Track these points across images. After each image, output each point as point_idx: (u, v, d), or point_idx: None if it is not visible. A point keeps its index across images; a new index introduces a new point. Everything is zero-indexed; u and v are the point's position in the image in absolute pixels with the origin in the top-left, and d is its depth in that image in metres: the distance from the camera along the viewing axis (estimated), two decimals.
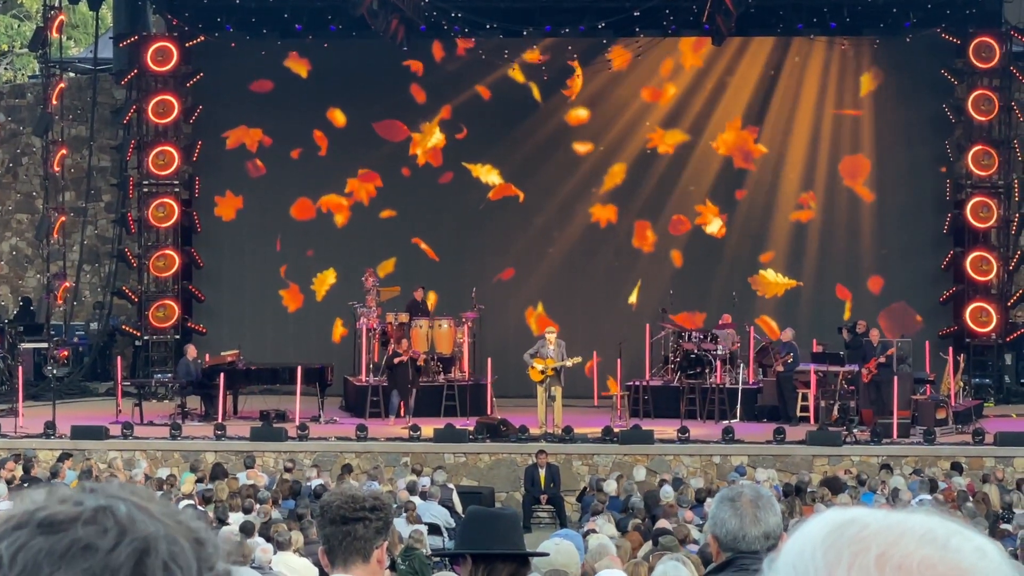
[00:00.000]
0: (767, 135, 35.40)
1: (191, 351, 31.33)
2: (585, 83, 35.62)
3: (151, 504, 1.69)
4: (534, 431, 28.41)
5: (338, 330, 34.84)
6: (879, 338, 29.96)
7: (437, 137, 35.72)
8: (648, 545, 16.50)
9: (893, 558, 1.53)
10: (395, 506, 20.62)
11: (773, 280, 34.97)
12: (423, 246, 35.23)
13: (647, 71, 35.58)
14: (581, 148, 35.60)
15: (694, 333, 31.37)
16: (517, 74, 35.70)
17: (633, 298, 34.78)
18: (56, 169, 34.12)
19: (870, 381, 29.36)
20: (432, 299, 34.16)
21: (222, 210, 35.83)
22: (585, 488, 26.10)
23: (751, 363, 31.61)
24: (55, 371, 32.30)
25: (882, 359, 29.23)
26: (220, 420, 28.90)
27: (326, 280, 35.61)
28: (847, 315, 33.76)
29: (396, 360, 30.07)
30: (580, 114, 35.65)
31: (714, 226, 35.26)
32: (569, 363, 28.74)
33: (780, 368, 30.25)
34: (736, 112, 35.32)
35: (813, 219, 35.36)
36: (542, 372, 28.56)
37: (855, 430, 28.42)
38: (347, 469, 25.50)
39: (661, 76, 35.60)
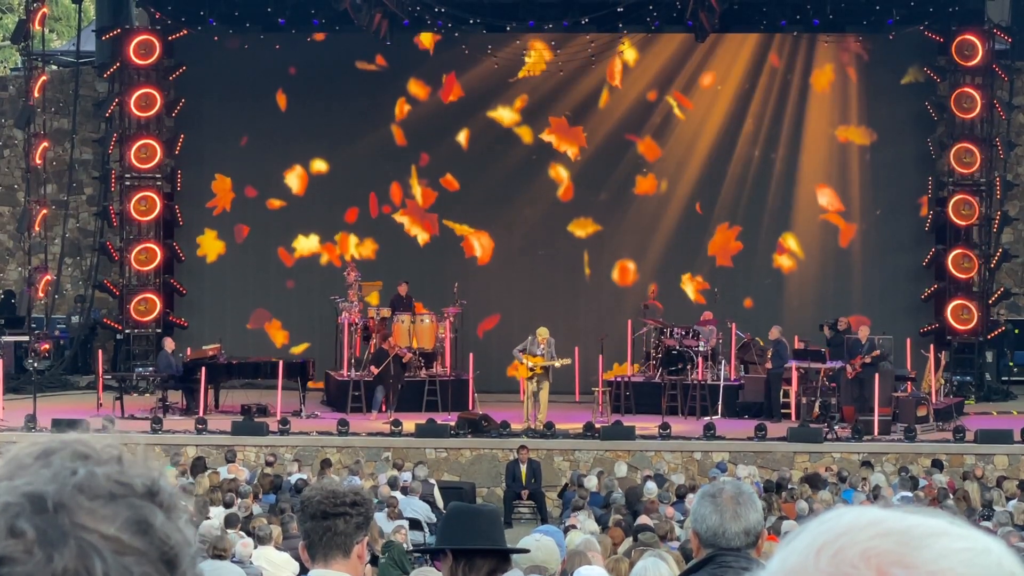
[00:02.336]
0: (747, 130, 35.46)
1: (169, 344, 31.25)
2: (572, 122, 35.65)
3: (114, 529, 1.57)
4: (517, 426, 28.41)
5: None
6: (867, 335, 29.83)
7: (419, 191, 35.75)
8: (629, 541, 16.50)
9: (833, 547, 1.52)
10: (376, 501, 20.59)
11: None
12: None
13: (636, 108, 35.67)
14: (563, 194, 35.67)
15: (676, 329, 31.37)
16: (501, 116, 35.71)
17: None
18: (38, 162, 34.00)
19: (853, 378, 29.34)
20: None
21: (205, 249, 35.86)
22: (567, 484, 26.10)
23: (733, 360, 31.62)
24: (36, 364, 32.19)
25: (867, 359, 29.15)
26: (201, 414, 28.85)
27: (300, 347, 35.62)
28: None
29: (384, 357, 30.01)
30: (562, 167, 35.74)
31: (691, 288, 35.50)
32: (558, 363, 28.72)
33: (769, 365, 30.24)
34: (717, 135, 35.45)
35: (795, 256, 35.55)
36: (531, 369, 28.56)
37: (836, 427, 28.44)
38: (327, 464, 25.48)
39: (648, 106, 35.67)
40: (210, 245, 36.02)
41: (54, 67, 37.51)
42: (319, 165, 35.84)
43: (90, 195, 36.72)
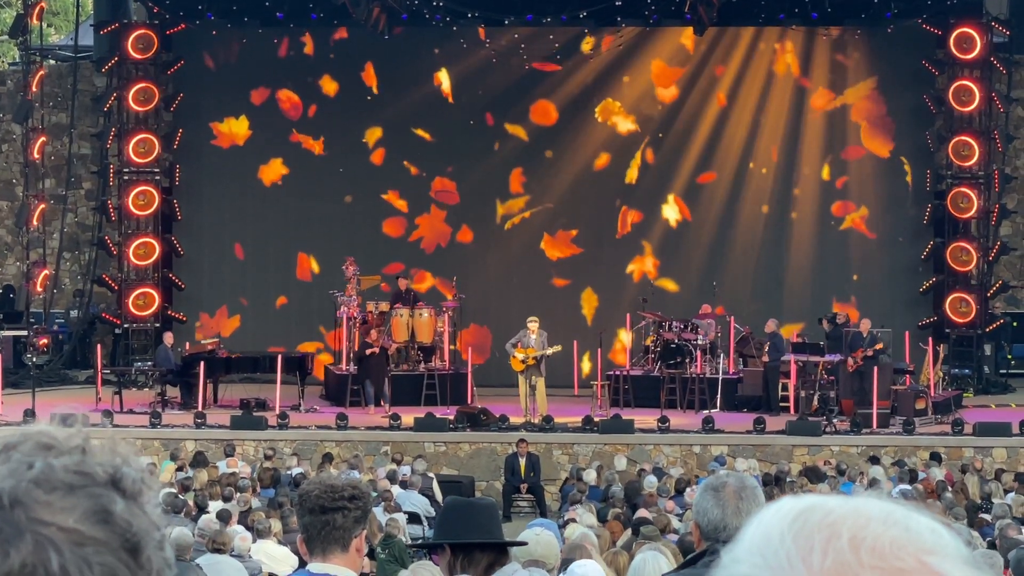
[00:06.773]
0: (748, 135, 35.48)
1: (168, 338, 31.28)
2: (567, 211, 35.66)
3: (72, 521, 1.58)
4: (515, 420, 28.40)
5: None
6: (869, 328, 29.72)
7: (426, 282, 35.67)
8: (628, 534, 16.51)
9: (866, 540, 1.54)
10: (374, 495, 20.58)
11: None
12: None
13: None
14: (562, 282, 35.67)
15: (674, 323, 31.34)
16: (499, 210, 35.69)
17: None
18: (36, 156, 34.01)
19: (853, 371, 29.28)
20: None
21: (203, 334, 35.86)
22: (567, 478, 26.09)
23: (731, 353, 31.60)
24: (35, 359, 32.20)
25: (869, 352, 29.08)
26: (200, 408, 28.84)
27: None
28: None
29: (367, 351, 29.96)
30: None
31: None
32: (550, 351, 28.71)
33: (766, 359, 30.22)
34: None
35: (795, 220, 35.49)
36: (523, 361, 28.54)
37: (835, 420, 28.44)
38: (329, 458, 25.48)
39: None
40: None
41: (52, 61, 37.47)
42: (314, 266, 35.84)
43: (88, 190, 36.70)
